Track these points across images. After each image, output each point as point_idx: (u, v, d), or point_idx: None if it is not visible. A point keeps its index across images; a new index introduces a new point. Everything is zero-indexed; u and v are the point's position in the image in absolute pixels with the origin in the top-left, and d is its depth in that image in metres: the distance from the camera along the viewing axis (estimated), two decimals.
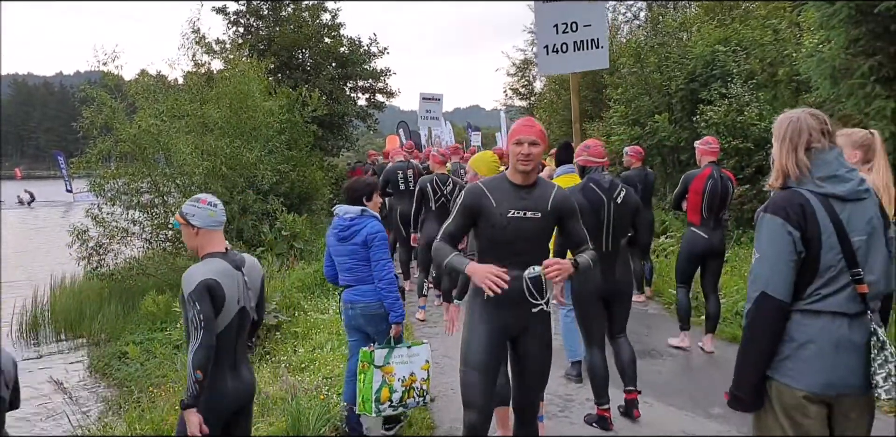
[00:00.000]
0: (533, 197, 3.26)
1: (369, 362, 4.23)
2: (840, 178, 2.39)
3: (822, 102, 8.26)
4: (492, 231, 3.23)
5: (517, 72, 28.69)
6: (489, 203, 3.22)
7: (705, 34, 12.23)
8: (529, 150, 3.19)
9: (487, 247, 3.28)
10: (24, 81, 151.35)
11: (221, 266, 3.04)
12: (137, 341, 9.07)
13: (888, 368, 2.31)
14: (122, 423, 5.63)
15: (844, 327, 2.35)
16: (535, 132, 3.24)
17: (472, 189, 3.30)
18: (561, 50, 6.04)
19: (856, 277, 2.34)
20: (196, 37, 16.49)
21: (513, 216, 3.20)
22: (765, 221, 2.42)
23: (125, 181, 12.27)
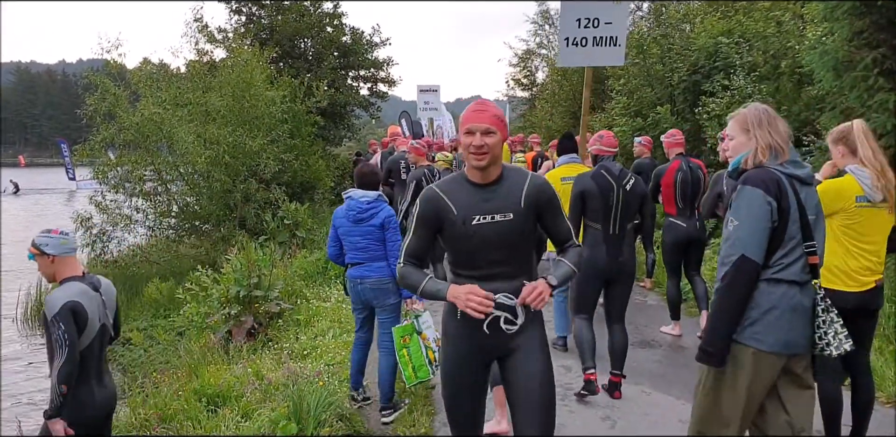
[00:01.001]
0: (500, 195, 2.70)
1: (411, 334, 4.63)
2: (799, 163, 2.73)
3: (825, 95, 8.25)
4: (458, 242, 2.72)
5: (519, 62, 28.64)
6: (448, 210, 2.70)
7: (708, 26, 12.21)
8: (482, 140, 2.60)
9: (458, 260, 2.78)
10: (27, 68, 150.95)
11: (82, 289, 3.33)
12: (141, 327, 9.16)
13: (835, 327, 2.69)
14: (126, 408, 5.70)
15: (798, 295, 2.66)
16: (487, 118, 2.63)
17: (427, 195, 2.74)
18: (581, 44, 6.21)
19: (809, 249, 2.67)
20: (199, 25, 16.54)
21: (478, 224, 2.67)
22: (745, 191, 2.66)
23: (128, 169, 12.33)
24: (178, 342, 7.75)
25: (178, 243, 12.82)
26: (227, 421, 4.67)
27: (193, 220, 13.07)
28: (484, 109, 2.67)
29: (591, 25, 6.20)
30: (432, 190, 2.76)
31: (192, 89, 13.26)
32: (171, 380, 6.09)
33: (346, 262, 4.82)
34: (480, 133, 2.62)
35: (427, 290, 2.70)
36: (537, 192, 2.72)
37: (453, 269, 2.81)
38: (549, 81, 22.93)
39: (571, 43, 6.21)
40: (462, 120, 2.68)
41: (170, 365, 7.03)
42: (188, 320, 8.38)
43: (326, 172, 16.84)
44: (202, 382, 5.53)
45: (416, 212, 2.75)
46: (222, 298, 7.55)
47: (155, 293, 10.09)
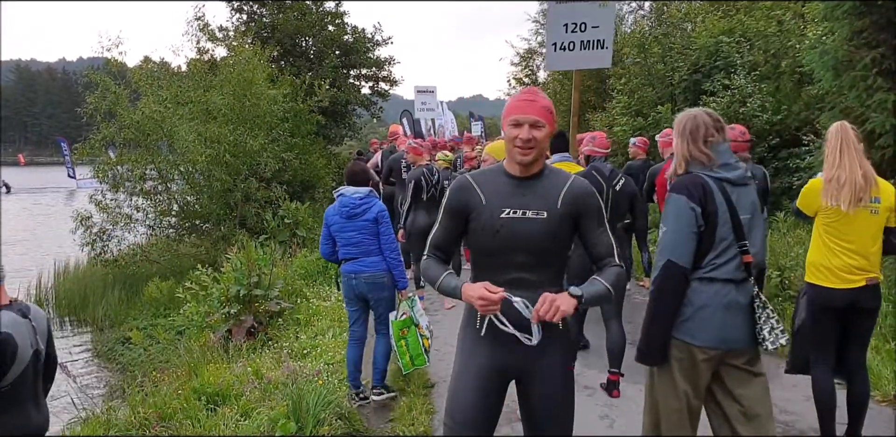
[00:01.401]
0: (537, 191, 2.45)
1: (409, 326, 4.83)
2: (731, 166, 2.82)
3: (825, 94, 8.26)
4: (482, 237, 2.47)
5: (521, 61, 28.55)
6: (478, 200, 2.47)
7: (709, 25, 12.21)
8: (531, 134, 2.38)
9: (479, 260, 2.54)
10: (27, 66, 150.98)
11: (10, 318, 3.25)
12: (141, 326, 9.18)
13: (770, 323, 2.80)
14: (126, 407, 5.70)
15: (733, 292, 2.75)
16: (537, 110, 2.40)
17: (459, 183, 2.55)
18: (568, 48, 6.27)
19: (742, 248, 2.76)
20: (199, 24, 16.53)
21: (507, 217, 2.42)
22: (671, 199, 2.78)
23: (129, 168, 12.33)
24: (177, 341, 7.76)
25: (179, 242, 12.83)
26: (227, 420, 4.68)
27: (194, 219, 13.08)
28: (533, 100, 2.42)
29: (579, 30, 6.25)
30: (464, 178, 2.56)
31: (193, 88, 13.26)
32: (171, 379, 6.10)
33: (340, 258, 4.96)
34: (529, 125, 2.39)
35: (444, 287, 2.49)
36: (579, 194, 2.46)
37: (474, 271, 2.58)
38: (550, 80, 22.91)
39: (559, 48, 6.26)
40: (508, 109, 2.45)
41: (169, 364, 7.04)
42: (188, 320, 8.40)
43: (327, 170, 16.84)
44: (202, 381, 5.53)
45: (444, 201, 2.56)
46: (222, 297, 7.56)
47: (155, 292, 10.10)
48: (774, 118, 9.52)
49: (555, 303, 2.24)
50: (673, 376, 2.80)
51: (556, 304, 2.24)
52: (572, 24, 6.21)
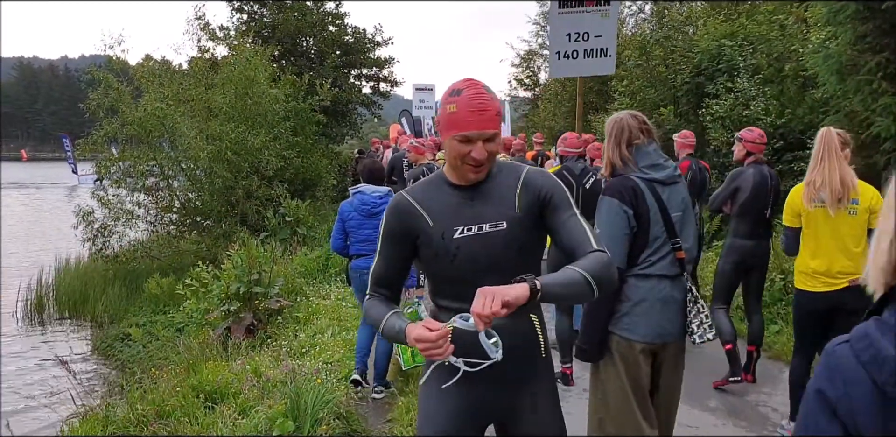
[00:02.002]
0: (489, 198, 2.05)
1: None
2: (659, 166, 2.89)
3: (829, 98, 8.25)
4: (438, 264, 2.06)
5: (521, 63, 28.62)
6: (423, 222, 2.05)
7: (711, 28, 12.20)
8: (485, 151, 1.95)
9: (440, 289, 2.14)
10: (30, 63, 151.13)
11: None
12: (140, 323, 9.18)
13: (700, 318, 2.93)
14: (124, 403, 5.70)
15: (668, 287, 2.85)
16: (490, 120, 1.95)
17: (396, 204, 2.10)
18: (571, 56, 6.35)
19: (675, 245, 2.85)
20: (200, 23, 16.55)
21: (462, 237, 2.02)
22: (604, 202, 2.85)
23: (130, 164, 12.34)
24: (177, 338, 7.74)
25: (179, 239, 12.83)
26: (225, 418, 4.66)
27: (195, 216, 13.09)
28: (484, 109, 1.94)
29: (582, 39, 6.35)
30: (401, 197, 2.12)
31: (195, 86, 13.28)
32: (170, 376, 6.08)
33: (351, 253, 5.13)
34: (484, 141, 1.95)
35: (388, 331, 2.01)
36: (535, 186, 2.05)
37: (434, 300, 2.18)
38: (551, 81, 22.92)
39: (563, 56, 6.34)
40: (451, 120, 1.96)
41: (168, 361, 7.03)
42: (187, 317, 8.40)
43: (328, 169, 16.85)
44: (200, 378, 5.52)
45: (381, 227, 2.14)
46: (222, 294, 7.55)
47: (155, 289, 10.10)
48: (778, 121, 9.51)
49: (491, 293, 1.71)
50: (617, 371, 2.85)
51: (493, 293, 1.71)
52: (575, 34, 6.30)
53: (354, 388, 5.12)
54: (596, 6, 6.19)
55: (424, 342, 1.79)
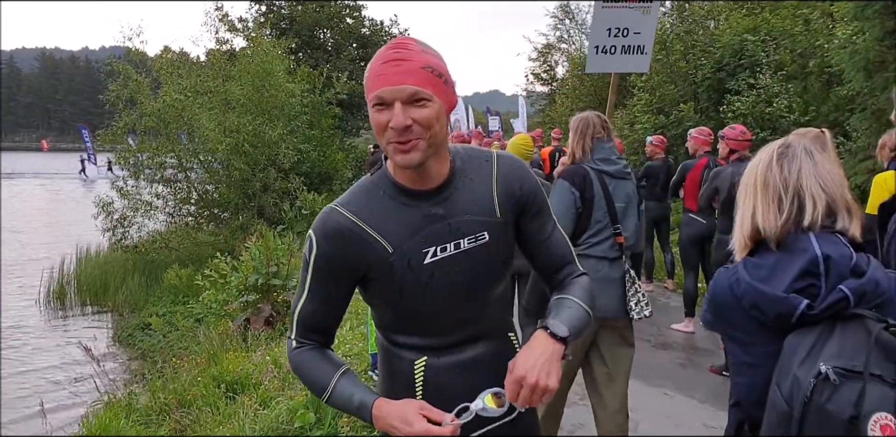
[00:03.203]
0: (458, 202, 1.54)
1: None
2: (611, 161, 3.27)
3: (855, 95, 8.16)
4: (401, 300, 1.54)
5: (539, 57, 28.44)
6: (375, 247, 1.50)
7: (733, 23, 12.08)
8: (406, 117, 1.38)
9: (400, 326, 1.61)
10: (51, 54, 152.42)
11: None
12: (160, 313, 9.26)
13: (637, 297, 3.21)
14: (146, 392, 5.77)
15: (606, 268, 3.15)
16: (409, 73, 1.39)
17: (331, 226, 1.50)
18: (609, 51, 6.35)
19: (616, 231, 3.19)
20: (219, 14, 16.62)
21: (435, 260, 1.51)
22: (558, 183, 3.21)
23: (149, 155, 12.44)
24: (196, 329, 7.82)
25: (198, 231, 12.94)
26: (246, 408, 4.70)
27: (212, 207, 13.19)
28: (401, 59, 1.40)
29: (621, 35, 6.35)
30: (336, 214, 1.51)
31: (213, 77, 13.35)
32: (191, 366, 6.15)
33: None
34: (401, 103, 1.38)
35: (336, 400, 1.50)
36: (512, 181, 1.60)
37: (387, 334, 1.65)
38: (569, 76, 22.78)
39: (601, 51, 6.34)
40: (366, 81, 1.45)
41: (189, 351, 7.11)
42: (206, 307, 8.47)
43: (344, 162, 16.89)
44: (221, 368, 5.58)
45: (310, 257, 1.52)
46: (241, 285, 7.60)
47: (174, 279, 10.19)
48: (802, 119, 9.42)
49: (536, 384, 1.39)
50: None
51: (538, 385, 1.39)
52: (615, 29, 6.30)
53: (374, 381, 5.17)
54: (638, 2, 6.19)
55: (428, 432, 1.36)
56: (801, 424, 1.32)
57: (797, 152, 1.58)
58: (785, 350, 1.41)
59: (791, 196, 1.52)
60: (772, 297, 1.43)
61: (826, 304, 1.39)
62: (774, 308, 1.43)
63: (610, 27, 6.25)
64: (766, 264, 1.50)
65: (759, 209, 1.56)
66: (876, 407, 1.26)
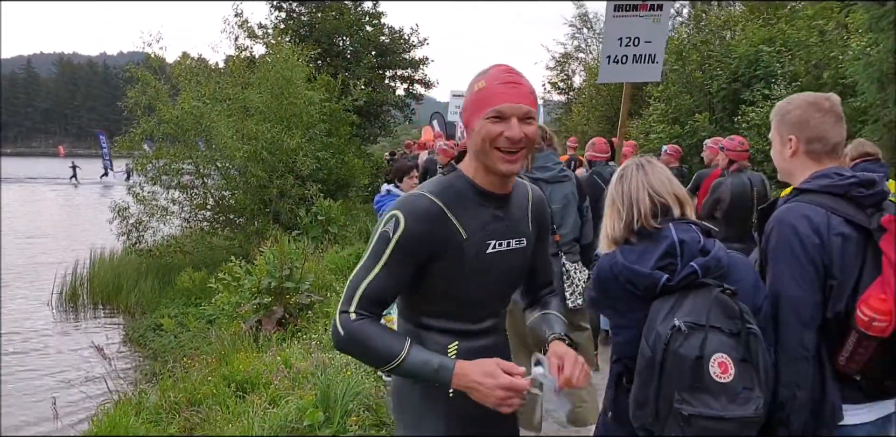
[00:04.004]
0: (512, 212, 1.86)
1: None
2: (547, 168, 3.84)
3: (868, 107, 8.15)
4: (460, 284, 1.77)
5: (556, 66, 28.51)
6: (456, 233, 1.73)
7: (749, 33, 12.09)
8: (522, 131, 1.67)
9: (446, 309, 1.83)
10: (69, 60, 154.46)
11: None
12: (172, 314, 9.35)
13: (572, 288, 3.79)
14: (157, 391, 5.82)
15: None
16: (526, 96, 1.70)
17: (424, 208, 1.71)
18: (621, 61, 6.41)
19: (552, 231, 3.49)
20: (239, 20, 16.80)
21: (494, 252, 1.79)
22: None
23: (166, 162, 12.55)
24: (208, 330, 7.88)
25: (212, 235, 13.03)
26: (255, 407, 4.74)
27: (228, 213, 13.28)
28: (518, 82, 1.70)
29: (632, 44, 6.41)
30: (428, 200, 1.72)
31: (231, 85, 13.46)
32: (201, 366, 6.20)
33: None
34: (518, 119, 1.67)
35: (411, 366, 1.66)
36: (542, 208, 1.96)
37: (423, 321, 1.84)
38: (586, 85, 22.83)
39: (612, 61, 6.38)
40: (480, 97, 1.70)
41: (200, 351, 7.16)
42: (219, 309, 8.53)
43: (362, 169, 16.97)
44: (231, 368, 5.62)
45: (393, 234, 1.69)
46: (254, 288, 7.66)
47: (187, 282, 10.28)
48: None
49: (581, 363, 1.74)
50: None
51: (582, 364, 1.74)
52: (626, 39, 6.35)
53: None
54: (649, 11, 6.23)
55: (513, 391, 1.59)
56: (661, 365, 1.75)
57: (630, 171, 2.10)
58: (651, 313, 1.85)
59: (627, 206, 2.04)
60: (641, 273, 1.89)
61: (680, 276, 1.86)
62: (643, 282, 1.89)
63: (622, 36, 6.30)
64: (637, 250, 1.96)
65: (610, 220, 2.08)
66: (715, 349, 1.72)
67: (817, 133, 2.03)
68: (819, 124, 2.03)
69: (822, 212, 1.91)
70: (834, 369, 1.91)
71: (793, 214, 1.94)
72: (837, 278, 1.87)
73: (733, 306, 1.79)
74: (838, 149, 2.06)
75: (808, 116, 2.05)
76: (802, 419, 1.87)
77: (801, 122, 2.05)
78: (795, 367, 1.85)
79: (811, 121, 2.04)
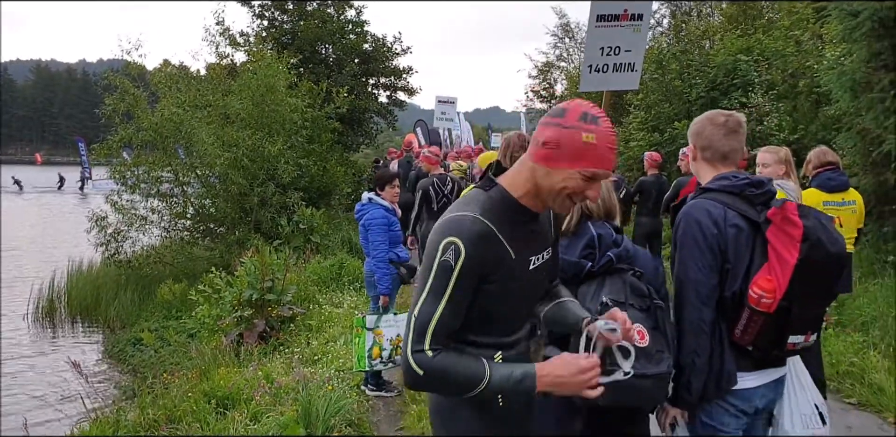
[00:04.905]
0: (542, 225, 1.94)
1: (362, 327, 5.09)
2: None
3: (842, 115, 8.26)
4: (505, 300, 1.81)
5: (539, 74, 28.67)
6: (506, 253, 1.76)
7: (728, 43, 12.24)
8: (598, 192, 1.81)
9: (490, 324, 1.85)
10: (47, 66, 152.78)
11: None
12: (152, 328, 9.23)
13: None
14: (135, 408, 5.74)
15: None
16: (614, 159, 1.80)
17: (479, 232, 1.70)
18: (602, 70, 6.49)
19: None
20: (220, 28, 16.71)
21: (534, 267, 1.87)
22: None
23: (145, 169, 12.43)
24: (189, 344, 7.80)
25: (192, 245, 12.90)
26: (236, 424, 4.70)
27: (208, 222, 13.16)
28: (616, 145, 1.78)
29: (613, 53, 6.50)
30: (481, 223, 1.71)
31: (212, 91, 13.38)
32: (181, 381, 6.12)
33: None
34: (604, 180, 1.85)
35: (497, 384, 1.70)
36: (557, 221, 2.07)
37: (465, 337, 1.82)
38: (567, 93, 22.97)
39: (594, 69, 6.46)
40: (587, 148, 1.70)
41: (180, 366, 7.08)
42: (199, 322, 8.44)
43: (344, 178, 16.90)
44: (212, 384, 5.55)
45: (455, 263, 1.68)
46: (234, 300, 7.60)
47: (167, 294, 10.17)
48: (791, 138, 9.53)
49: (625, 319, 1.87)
50: None
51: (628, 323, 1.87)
52: (607, 48, 6.43)
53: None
54: (630, 21, 6.35)
55: (593, 368, 1.72)
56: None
57: None
58: (579, 295, 2.27)
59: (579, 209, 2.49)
60: (570, 262, 2.35)
61: (600, 264, 2.34)
62: (572, 269, 2.35)
63: (603, 46, 6.38)
64: (565, 244, 2.41)
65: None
66: (633, 321, 1.96)
67: (708, 143, 2.41)
68: (710, 136, 2.40)
69: (721, 207, 2.27)
70: (731, 341, 2.24)
71: (696, 209, 2.30)
72: (732, 262, 2.21)
73: (642, 287, 2.28)
74: (730, 156, 2.40)
75: (703, 128, 2.43)
76: (701, 384, 2.20)
77: (697, 133, 2.45)
78: (695, 338, 2.18)
79: (704, 132, 2.42)
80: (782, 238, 2.14)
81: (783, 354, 2.27)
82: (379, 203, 5.28)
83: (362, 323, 5.14)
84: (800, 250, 2.09)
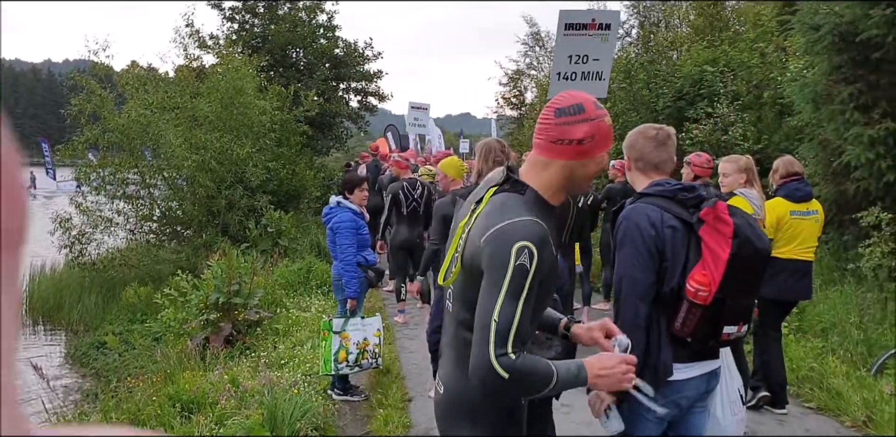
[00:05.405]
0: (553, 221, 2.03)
1: (328, 330, 5.13)
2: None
3: (804, 126, 8.47)
4: (545, 296, 1.89)
5: (509, 82, 28.91)
6: (554, 254, 1.83)
7: (694, 54, 12.46)
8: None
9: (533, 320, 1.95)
10: (11, 66, 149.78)
11: None
12: (117, 331, 9.09)
13: None
14: (98, 412, 5.66)
15: None
16: None
17: (542, 237, 1.75)
18: (570, 78, 6.58)
19: None
20: (189, 31, 16.56)
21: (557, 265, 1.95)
22: (459, 202, 3.66)
23: (111, 171, 12.26)
24: (154, 348, 7.70)
25: (159, 248, 12.73)
26: (201, 427, 4.66)
27: (175, 225, 13.01)
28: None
29: (581, 61, 6.60)
30: (542, 227, 1.77)
31: (180, 94, 13.25)
32: (146, 385, 6.05)
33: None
34: None
35: (564, 379, 1.73)
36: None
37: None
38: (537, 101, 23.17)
39: (562, 77, 6.55)
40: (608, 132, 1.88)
41: (145, 370, 6.99)
42: (165, 326, 8.34)
43: (313, 181, 16.82)
44: (177, 387, 5.50)
45: (530, 266, 1.70)
46: (201, 304, 7.52)
47: (132, 298, 10.03)
48: (755, 147, 9.73)
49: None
50: None
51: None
52: (576, 56, 6.53)
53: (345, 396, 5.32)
54: (598, 30, 6.46)
55: (630, 363, 1.83)
56: None
57: None
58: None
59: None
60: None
61: None
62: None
63: (571, 54, 6.48)
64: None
65: None
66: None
67: (640, 155, 2.59)
68: (641, 148, 2.58)
69: (657, 210, 2.41)
70: (669, 334, 2.35)
71: (635, 212, 2.44)
72: (670, 260, 2.35)
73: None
74: (661, 167, 2.58)
75: (635, 141, 2.61)
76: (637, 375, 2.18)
77: (631, 145, 2.63)
78: (631, 333, 2.16)
79: (637, 145, 2.60)
80: (715, 236, 2.29)
81: (718, 344, 2.43)
82: (347, 207, 5.28)
83: (329, 326, 5.16)
84: (731, 246, 2.26)
